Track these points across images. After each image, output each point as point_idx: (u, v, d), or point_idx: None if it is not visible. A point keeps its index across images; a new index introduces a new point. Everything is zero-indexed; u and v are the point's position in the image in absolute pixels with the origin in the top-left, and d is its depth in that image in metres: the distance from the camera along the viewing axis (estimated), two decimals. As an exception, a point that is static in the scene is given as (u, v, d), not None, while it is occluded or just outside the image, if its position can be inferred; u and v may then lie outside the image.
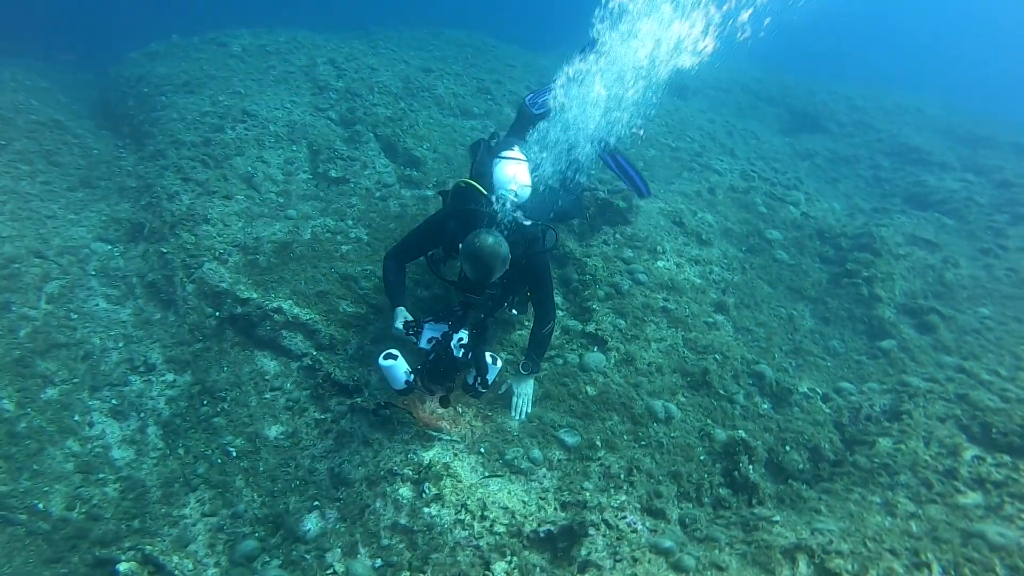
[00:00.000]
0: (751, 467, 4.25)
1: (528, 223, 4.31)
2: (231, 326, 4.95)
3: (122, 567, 3.51)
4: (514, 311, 4.76)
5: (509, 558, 3.34)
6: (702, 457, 4.35)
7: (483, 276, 3.86)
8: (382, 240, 5.75)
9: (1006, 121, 12.73)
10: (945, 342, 5.67)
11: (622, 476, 4.07)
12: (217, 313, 4.96)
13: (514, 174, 4.74)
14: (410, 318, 4.01)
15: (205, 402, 4.58)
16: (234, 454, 4.22)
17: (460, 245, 3.99)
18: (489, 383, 4.02)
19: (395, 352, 3.83)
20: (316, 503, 3.86)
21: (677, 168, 7.91)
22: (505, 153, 4.87)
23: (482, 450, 4.15)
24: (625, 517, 3.53)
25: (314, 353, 4.73)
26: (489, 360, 4.00)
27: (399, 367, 3.81)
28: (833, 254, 6.56)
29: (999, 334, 5.81)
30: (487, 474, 3.91)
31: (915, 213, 7.81)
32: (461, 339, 4.01)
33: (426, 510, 3.63)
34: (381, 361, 3.79)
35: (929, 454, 4.34)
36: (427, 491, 3.71)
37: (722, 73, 12.84)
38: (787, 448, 4.59)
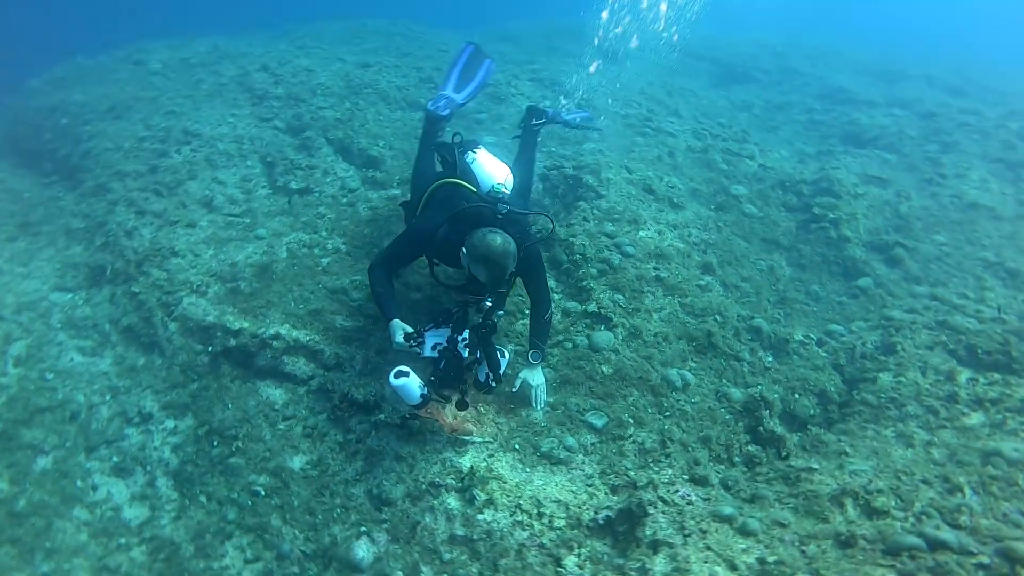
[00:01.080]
0: (775, 421, 4.40)
1: (522, 212, 4.28)
2: (226, 360, 4.72)
3: (175, 631, 3.34)
4: (499, 311, 4.68)
5: (577, 551, 3.35)
6: (726, 417, 4.47)
7: (499, 277, 3.80)
8: (361, 248, 5.58)
9: (910, 54, 13.45)
10: (914, 272, 5.99)
11: (658, 450, 4.15)
12: (209, 348, 4.73)
13: (496, 167, 4.67)
14: (409, 329, 3.88)
15: (215, 443, 4.38)
16: (263, 493, 4.06)
17: (463, 249, 3.90)
18: (502, 376, 3.98)
19: (405, 368, 3.72)
20: (363, 528, 3.77)
21: (631, 135, 7.97)
22: (475, 151, 4.78)
23: (516, 446, 4.14)
24: (678, 491, 3.60)
25: (323, 374, 4.57)
26: (497, 354, 3.96)
27: (412, 383, 3.70)
28: (797, 202, 6.79)
29: (958, 258, 6.18)
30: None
31: (857, 152, 8.16)
32: (464, 339, 3.94)
33: (480, 517, 3.60)
34: (393, 380, 3.67)
35: (928, 382, 4.60)
36: (477, 497, 3.68)
37: (644, 33, 12.99)
38: (796, 396, 4.77)
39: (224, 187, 6.04)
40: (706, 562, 3.02)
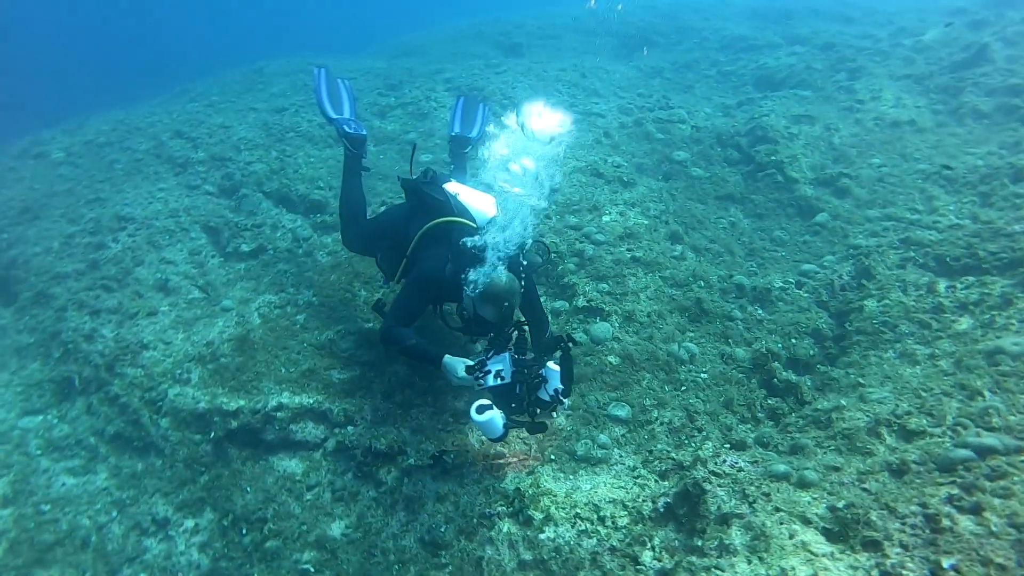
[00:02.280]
0: (788, 371, 4.53)
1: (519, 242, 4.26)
2: (231, 443, 4.51)
3: None
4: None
5: (649, 544, 3.36)
6: (739, 377, 4.57)
7: (507, 315, 3.78)
8: (332, 295, 5.42)
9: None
10: (863, 198, 6.27)
11: (688, 426, 4.21)
12: (211, 435, 4.50)
13: (482, 199, 4.57)
14: (469, 362, 3.80)
15: (244, 531, 4.17)
16: (312, 569, 3.90)
17: (465, 290, 3.85)
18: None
19: (487, 402, 3.64)
20: (427, 579, 3.68)
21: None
22: (454, 184, 4.66)
23: (552, 456, 4.12)
24: (725, 461, 3.66)
25: (336, 432, 4.42)
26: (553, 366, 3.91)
27: (497, 416, 3.64)
28: (738, 155, 6.99)
29: (898, 175, 6.50)
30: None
31: (774, 95, 8.46)
32: (528, 360, 3.86)
33: (542, 536, 3.57)
34: (476, 416, 3.59)
35: (912, 300, 4.82)
36: (533, 517, 3.64)
37: (535, 20, 13.13)
38: (793, 341, 4.92)
39: (175, 266, 5.76)
40: (781, 523, 3.08)
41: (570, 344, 3.73)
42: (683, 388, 4.51)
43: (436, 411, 4.44)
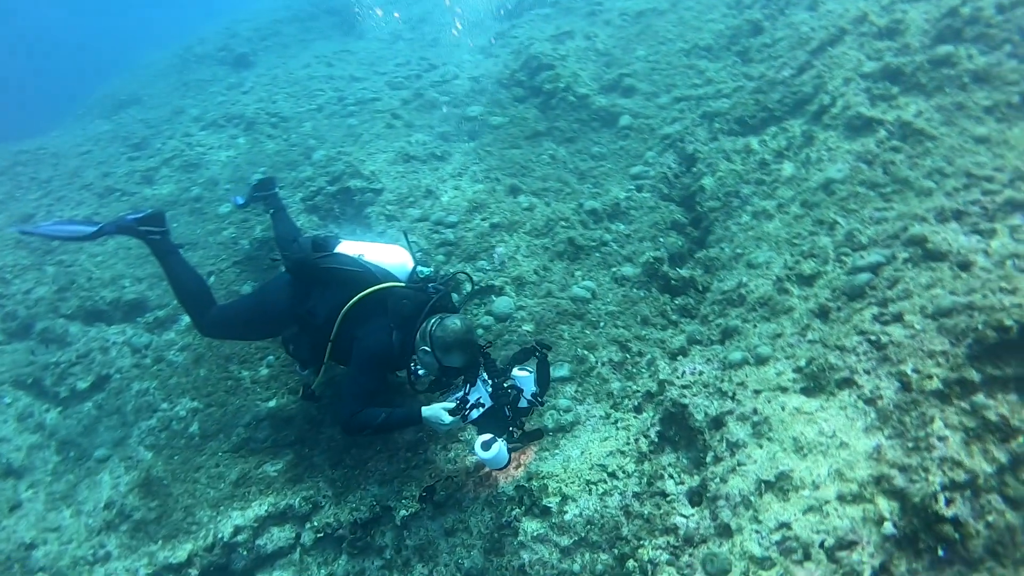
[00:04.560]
0: (678, 269, 4.88)
1: (444, 283, 4.09)
2: (198, 595, 3.95)
3: None
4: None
5: (668, 474, 3.52)
6: (640, 294, 4.85)
7: (474, 356, 3.63)
8: (214, 391, 4.80)
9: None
10: (647, 91, 6.76)
11: (628, 357, 4.42)
12: (171, 603, 3.90)
13: (390, 252, 4.28)
14: (450, 404, 3.60)
15: (259, 678, 3.75)
16: (360, 673, 3.62)
17: (424, 348, 3.65)
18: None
19: (489, 436, 3.51)
20: (479, 615, 3.58)
21: (340, 121, 7.63)
22: (350, 245, 4.25)
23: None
24: (684, 372, 3.91)
25: (308, 525, 4.03)
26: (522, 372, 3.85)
27: (504, 446, 3.53)
28: (523, 92, 7.15)
29: (664, 59, 7.08)
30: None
31: (520, 22, 8.72)
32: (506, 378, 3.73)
33: (568, 516, 3.59)
34: (484, 454, 3.46)
35: (738, 165, 5.38)
36: (550, 504, 3.64)
37: (244, 23, 12.18)
38: (661, 240, 5.30)
39: (8, 442, 4.73)
40: (768, 402, 3.38)
41: (545, 351, 3.71)
42: (601, 324, 4.69)
43: (390, 453, 4.24)
